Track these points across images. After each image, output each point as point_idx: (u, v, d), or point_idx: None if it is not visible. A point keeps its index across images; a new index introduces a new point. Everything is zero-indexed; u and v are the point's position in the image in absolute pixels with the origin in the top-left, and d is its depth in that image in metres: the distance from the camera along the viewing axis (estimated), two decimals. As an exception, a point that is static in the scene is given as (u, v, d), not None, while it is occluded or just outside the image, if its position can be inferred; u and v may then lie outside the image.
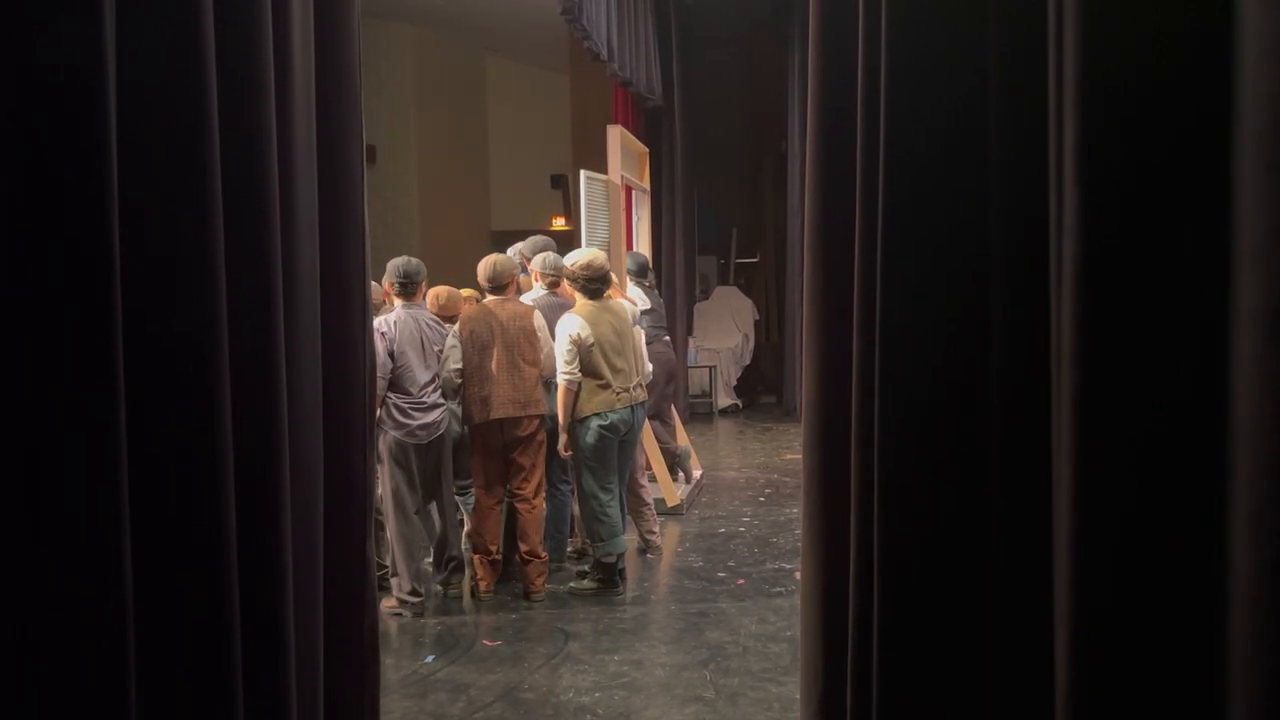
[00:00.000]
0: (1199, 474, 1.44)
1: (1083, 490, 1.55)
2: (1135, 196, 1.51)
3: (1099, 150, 1.52)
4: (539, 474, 5.34)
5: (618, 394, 5.23)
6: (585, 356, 5.15)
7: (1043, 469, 1.86)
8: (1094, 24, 1.51)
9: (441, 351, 5.15)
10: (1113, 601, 1.55)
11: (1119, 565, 1.54)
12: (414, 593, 5.10)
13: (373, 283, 3.43)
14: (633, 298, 6.24)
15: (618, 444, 5.32)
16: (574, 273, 5.27)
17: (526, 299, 5.58)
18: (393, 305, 5.19)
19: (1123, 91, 1.51)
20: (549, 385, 5.38)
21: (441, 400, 5.16)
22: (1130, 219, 1.51)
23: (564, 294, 5.71)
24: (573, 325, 5.14)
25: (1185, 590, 1.48)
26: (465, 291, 5.78)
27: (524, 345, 5.19)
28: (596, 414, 5.18)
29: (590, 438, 5.21)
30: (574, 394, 5.17)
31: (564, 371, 5.13)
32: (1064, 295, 1.59)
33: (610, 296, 5.41)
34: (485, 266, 5.25)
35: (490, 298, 5.25)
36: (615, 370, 5.23)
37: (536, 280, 5.74)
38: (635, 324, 5.58)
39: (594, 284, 5.24)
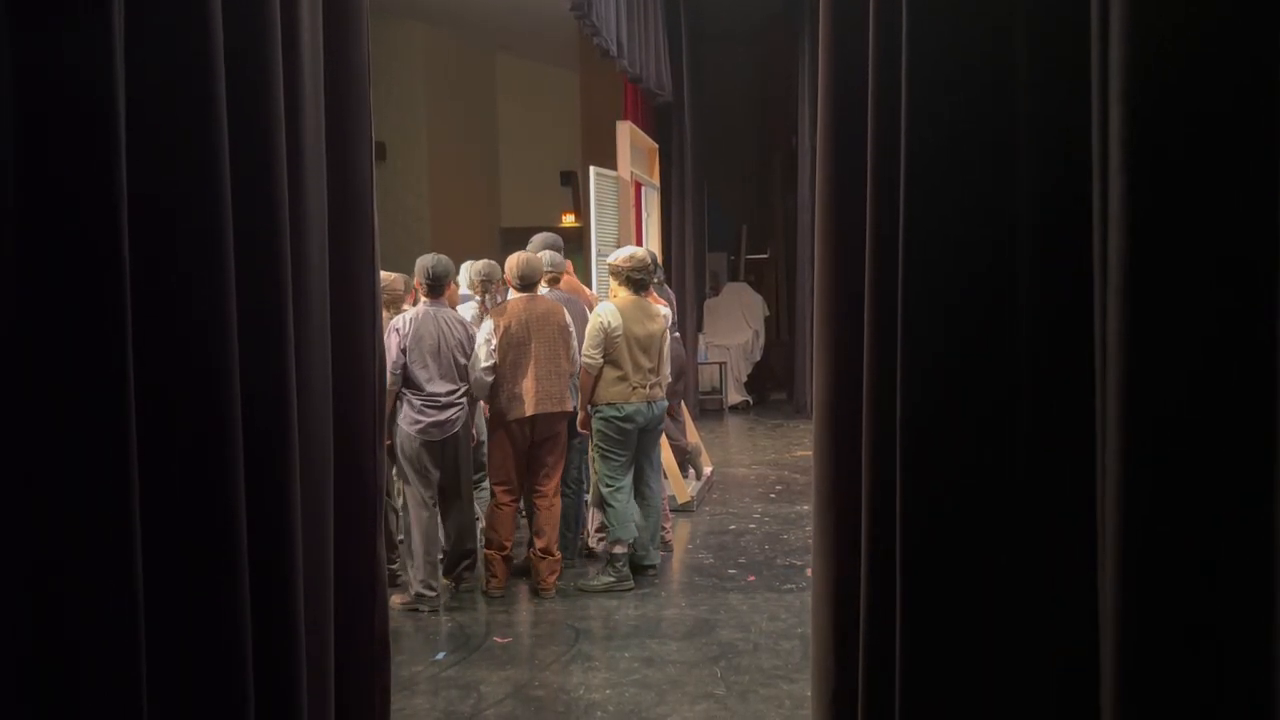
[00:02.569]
0: (1254, 444, 1.44)
1: (1130, 473, 1.55)
2: (1185, 179, 1.51)
3: (1148, 134, 1.52)
4: (559, 471, 5.42)
5: (634, 388, 5.35)
6: (609, 346, 5.28)
7: (1071, 461, 1.85)
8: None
9: (460, 350, 5.16)
10: (1167, 592, 1.55)
11: (1171, 564, 1.54)
12: (428, 588, 5.11)
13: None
14: (664, 299, 6.25)
15: (636, 435, 5.41)
16: (618, 266, 5.44)
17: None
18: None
19: (1173, 65, 1.51)
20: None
21: (458, 400, 5.16)
22: (1182, 199, 1.52)
23: (568, 288, 5.75)
24: (605, 313, 5.32)
25: (1239, 562, 1.48)
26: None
27: (560, 342, 5.27)
28: (610, 403, 5.33)
29: (603, 425, 5.36)
30: (592, 378, 5.32)
31: (587, 355, 5.29)
32: (1110, 287, 1.58)
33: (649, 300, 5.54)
34: (516, 264, 5.29)
35: (520, 295, 5.28)
36: (637, 366, 5.35)
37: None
38: (666, 328, 5.62)
39: (638, 274, 5.41)
